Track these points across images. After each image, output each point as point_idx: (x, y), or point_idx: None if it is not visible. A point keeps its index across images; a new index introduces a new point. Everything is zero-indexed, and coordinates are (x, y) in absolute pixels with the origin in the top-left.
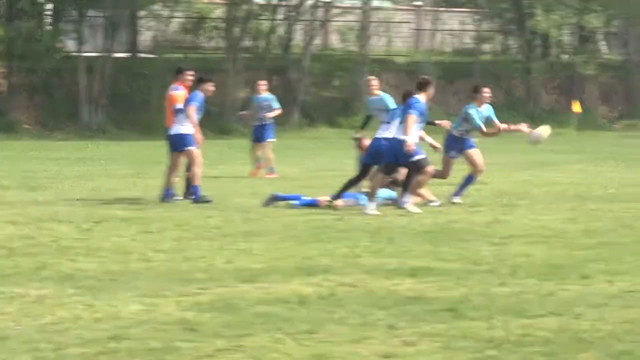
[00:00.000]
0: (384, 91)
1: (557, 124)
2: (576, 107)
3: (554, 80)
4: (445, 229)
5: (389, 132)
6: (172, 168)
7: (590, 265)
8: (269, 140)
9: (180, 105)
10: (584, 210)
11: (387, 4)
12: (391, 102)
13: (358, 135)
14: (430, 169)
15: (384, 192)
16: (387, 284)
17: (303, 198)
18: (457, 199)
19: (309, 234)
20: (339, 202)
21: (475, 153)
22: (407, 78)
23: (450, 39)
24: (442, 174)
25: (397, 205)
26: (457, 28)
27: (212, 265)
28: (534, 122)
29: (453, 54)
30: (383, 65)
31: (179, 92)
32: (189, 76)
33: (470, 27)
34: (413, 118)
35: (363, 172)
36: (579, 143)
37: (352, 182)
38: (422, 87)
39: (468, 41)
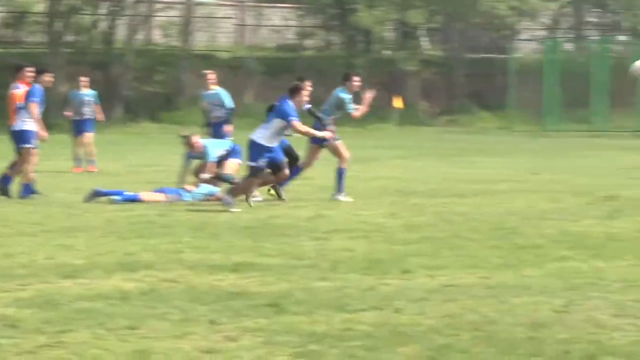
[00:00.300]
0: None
1: (379, 120)
2: (397, 103)
3: (376, 75)
4: (268, 225)
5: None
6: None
7: (410, 259)
8: (87, 133)
9: (21, 103)
10: (405, 205)
11: (210, 0)
12: (227, 99)
13: (185, 134)
14: (286, 172)
15: (205, 188)
16: (209, 280)
17: (125, 193)
18: (340, 197)
19: (130, 230)
20: (162, 197)
21: (341, 145)
22: (230, 74)
23: (273, 35)
24: (307, 163)
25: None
26: (280, 24)
27: (33, 261)
28: (362, 119)
29: (276, 50)
30: (206, 61)
31: (19, 91)
32: (29, 73)
33: (293, 22)
34: (298, 123)
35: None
36: (400, 138)
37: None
38: (292, 92)
39: (291, 37)
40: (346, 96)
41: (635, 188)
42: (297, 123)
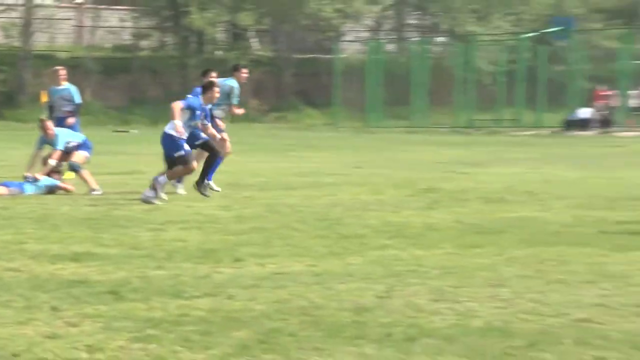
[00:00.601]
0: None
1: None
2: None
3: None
4: (107, 216)
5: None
6: None
7: (242, 249)
8: None
9: None
10: (237, 198)
11: (49, 2)
12: (77, 95)
13: (42, 117)
14: (194, 165)
15: (46, 181)
16: (51, 269)
17: None
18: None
19: None
20: (4, 191)
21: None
22: (69, 73)
23: (109, 36)
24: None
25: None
26: (116, 25)
27: None
28: None
29: (112, 50)
30: (46, 61)
31: None
32: None
33: (129, 24)
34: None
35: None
36: (231, 134)
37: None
38: (205, 89)
39: (127, 38)
40: (235, 85)
41: (452, 181)
42: (178, 122)
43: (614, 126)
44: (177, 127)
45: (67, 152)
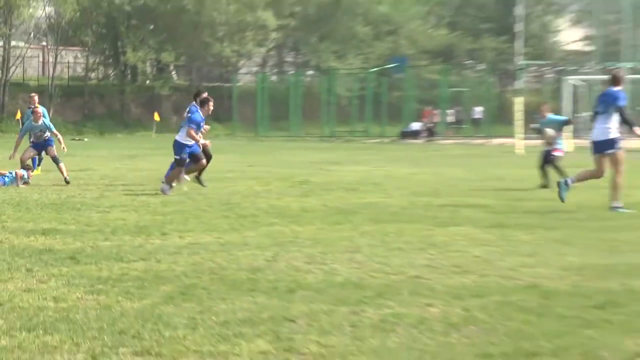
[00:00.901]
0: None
1: (143, 128)
2: (156, 117)
3: (140, 98)
4: (67, 202)
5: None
6: None
7: (167, 226)
8: None
9: None
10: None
11: (22, 44)
12: (46, 114)
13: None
14: (203, 162)
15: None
16: (26, 241)
17: None
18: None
19: None
20: None
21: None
22: (40, 97)
23: (68, 68)
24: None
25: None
26: (72, 61)
27: None
28: (127, 128)
29: (70, 80)
30: (20, 87)
31: None
32: None
33: (82, 60)
34: (192, 130)
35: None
36: (157, 142)
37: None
38: (202, 103)
39: (80, 70)
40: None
41: (320, 176)
42: (193, 129)
43: (437, 136)
44: (194, 138)
45: (41, 148)
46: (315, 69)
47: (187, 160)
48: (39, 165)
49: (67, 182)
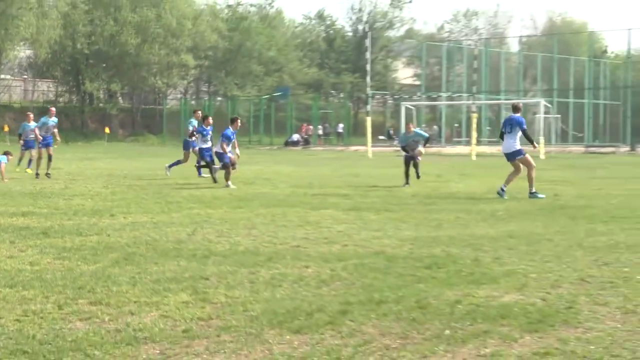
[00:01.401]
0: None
1: (98, 138)
2: (107, 130)
3: (95, 116)
4: (41, 192)
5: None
6: None
7: (115, 209)
8: None
9: None
10: (112, 182)
11: (8, 76)
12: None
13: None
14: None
15: None
16: (9, 220)
17: None
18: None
19: None
20: None
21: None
22: (22, 116)
23: (42, 95)
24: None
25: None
26: (45, 89)
27: None
28: (86, 138)
29: (43, 103)
30: (6, 109)
31: None
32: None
33: (53, 88)
34: (223, 144)
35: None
36: (108, 149)
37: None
38: (232, 121)
39: (51, 96)
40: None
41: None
42: (224, 143)
43: (311, 145)
44: (225, 149)
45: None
46: (222, 96)
47: (228, 163)
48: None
49: (48, 176)
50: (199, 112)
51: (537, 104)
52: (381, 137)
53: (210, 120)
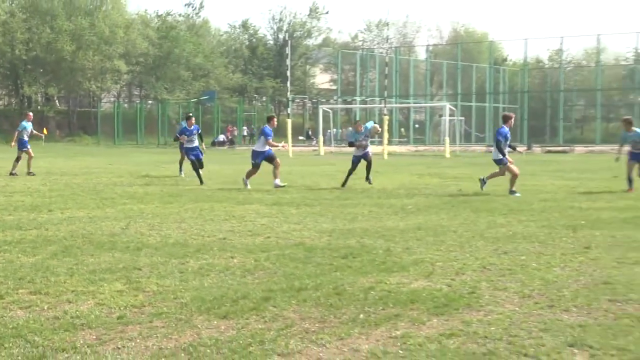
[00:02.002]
0: None
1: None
2: (44, 131)
3: (33, 118)
4: None
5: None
6: None
7: (52, 205)
8: None
9: None
10: (50, 180)
11: None
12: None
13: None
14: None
15: None
16: None
17: None
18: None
19: None
20: None
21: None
22: None
23: None
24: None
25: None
26: None
27: None
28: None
29: None
30: None
31: None
32: None
33: None
34: (269, 140)
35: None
36: (46, 149)
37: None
38: (269, 119)
39: None
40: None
41: (157, 171)
42: (269, 139)
43: (236, 144)
44: (273, 145)
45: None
46: (153, 99)
47: (259, 163)
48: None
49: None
50: (192, 118)
51: (443, 107)
52: (301, 138)
53: (193, 120)
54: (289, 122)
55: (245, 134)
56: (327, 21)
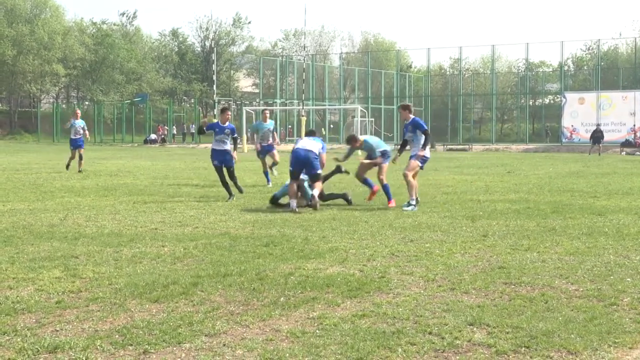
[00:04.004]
0: None
1: None
2: None
3: None
4: None
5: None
6: None
7: None
8: None
9: None
10: (7, 177)
11: None
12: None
13: None
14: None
15: None
16: None
17: None
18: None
19: None
20: None
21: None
22: None
23: None
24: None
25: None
26: None
27: None
28: None
29: None
30: None
31: None
32: None
33: None
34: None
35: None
36: None
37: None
38: (312, 134)
39: None
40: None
41: (94, 166)
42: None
43: (166, 143)
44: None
45: None
46: (90, 100)
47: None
48: None
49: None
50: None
51: (355, 109)
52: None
53: (229, 114)
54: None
55: (175, 132)
56: (250, 30)
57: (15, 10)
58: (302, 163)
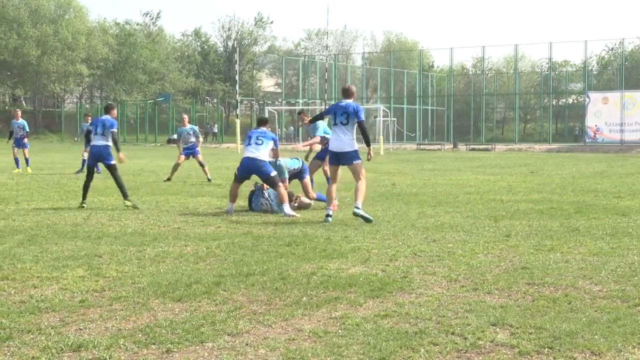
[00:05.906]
0: None
1: (2, 137)
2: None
3: (1, 118)
4: None
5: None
6: None
7: (19, 198)
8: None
9: None
10: (17, 174)
11: None
12: (27, 126)
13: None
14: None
15: None
16: None
17: None
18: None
19: None
20: None
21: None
22: None
23: None
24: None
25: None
26: None
27: None
28: None
29: None
30: None
31: None
32: None
33: None
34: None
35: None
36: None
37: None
38: (263, 123)
39: None
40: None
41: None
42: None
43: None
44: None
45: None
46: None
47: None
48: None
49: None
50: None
51: (377, 109)
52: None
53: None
54: (238, 122)
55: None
56: (272, 30)
57: (39, 11)
58: (248, 171)
